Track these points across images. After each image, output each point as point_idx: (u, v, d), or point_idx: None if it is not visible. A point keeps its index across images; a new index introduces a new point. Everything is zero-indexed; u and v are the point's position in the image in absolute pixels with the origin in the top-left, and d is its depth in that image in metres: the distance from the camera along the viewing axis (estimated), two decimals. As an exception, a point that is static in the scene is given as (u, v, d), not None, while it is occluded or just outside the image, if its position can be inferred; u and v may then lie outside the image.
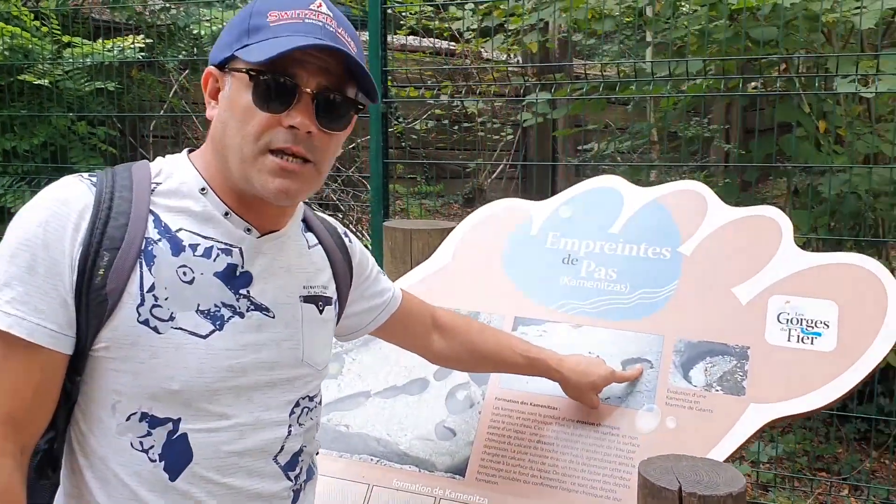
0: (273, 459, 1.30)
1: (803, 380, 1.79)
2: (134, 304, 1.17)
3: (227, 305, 1.24)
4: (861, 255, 1.93)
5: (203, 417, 1.22)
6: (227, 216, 1.26)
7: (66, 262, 1.15)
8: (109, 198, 1.19)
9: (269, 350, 1.28)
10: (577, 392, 1.84)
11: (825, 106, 3.65)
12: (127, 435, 1.20)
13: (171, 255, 1.21)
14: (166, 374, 1.19)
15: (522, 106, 4.85)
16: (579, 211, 2.16)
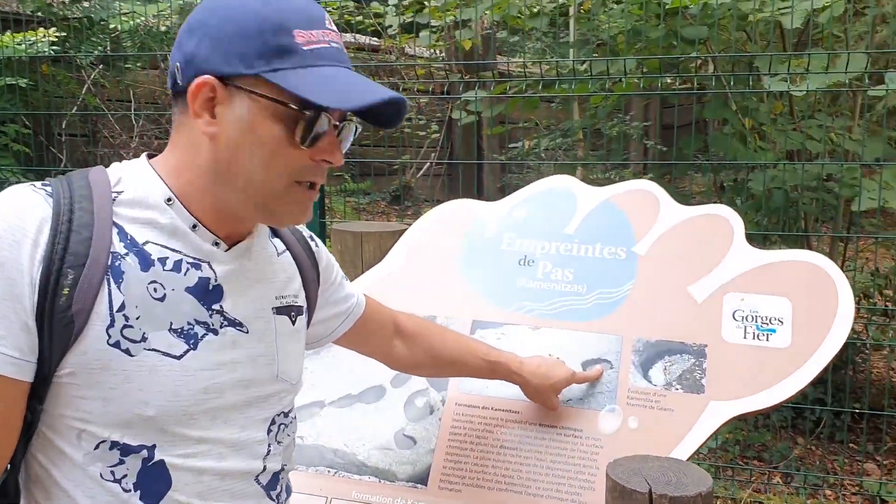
0: (255, 480, 1.24)
1: (761, 376, 1.81)
2: (103, 325, 1.08)
3: (201, 322, 1.16)
4: (811, 252, 1.97)
5: (180, 443, 1.14)
6: (194, 228, 1.16)
7: (25, 281, 1.04)
8: (69, 209, 1.08)
9: (245, 368, 1.21)
10: (538, 395, 1.82)
11: (750, 104, 3.74)
12: (96, 465, 1.10)
13: (141, 270, 1.11)
14: (140, 399, 1.10)
15: (449, 103, 4.83)
16: (534, 212, 2.14)
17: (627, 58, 3.38)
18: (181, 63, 1.12)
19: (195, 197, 1.16)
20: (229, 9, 1.09)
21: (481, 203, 2.20)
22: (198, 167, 1.14)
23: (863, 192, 3.27)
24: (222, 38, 1.09)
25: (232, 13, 1.09)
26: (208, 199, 1.16)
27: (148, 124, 5.81)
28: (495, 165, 6.20)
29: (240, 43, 1.08)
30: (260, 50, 1.08)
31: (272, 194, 1.14)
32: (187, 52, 1.11)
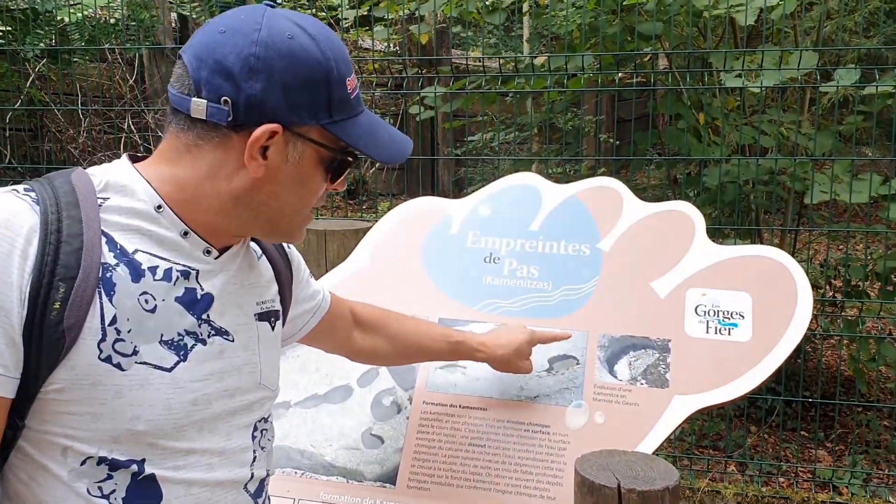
0: (244, 489, 1.22)
1: (723, 370, 1.85)
2: (94, 339, 1.04)
3: (190, 333, 1.14)
4: (770, 247, 2.01)
5: (169, 456, 1.12)
6: (185, 236, 1.14)
7: (14, 295, 0.99)
8: (57, 217, 1.04)
9: (231, 377, 1.19)
10: (506, 364, 1.83)
11: (704, 99, 3.79)
12: (82, 481, 1.07)
13: (132, 281, 1.08)
14: (131, 414, 1.07)
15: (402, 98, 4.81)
16: (498, 209, 2.14)
17: (586, 53, 3.40)
18: (240, 102, 1.08)
19: (191, 206, 1.14)
20: (294, 56, 1.09)
21: (445, 200, 2.20)
22: (217, 191, 1.13)
23: (814, 185, 3.34)
24: (290, 88, 1.09)
25: (297, 62, 1.09)
26: (211, 213, 1.14)
27: (96, 119, 5.68)
28: (450, 159, 6.21)
29: (307, 94, 1.10)
30: (324, 102, 1.12)
31: (293, 221, 1.19)
32: (251, 95, 1.08)
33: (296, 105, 1.10)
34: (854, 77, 3.08)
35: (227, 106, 1.08)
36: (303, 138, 1.12)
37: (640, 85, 3.93)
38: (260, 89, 1.08)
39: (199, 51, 1.10)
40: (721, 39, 4.09)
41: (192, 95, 1.09)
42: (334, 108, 1.13)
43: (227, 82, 1.08)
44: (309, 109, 1.11)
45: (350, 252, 2.13)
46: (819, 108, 3.93)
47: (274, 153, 1.11)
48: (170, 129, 1.14)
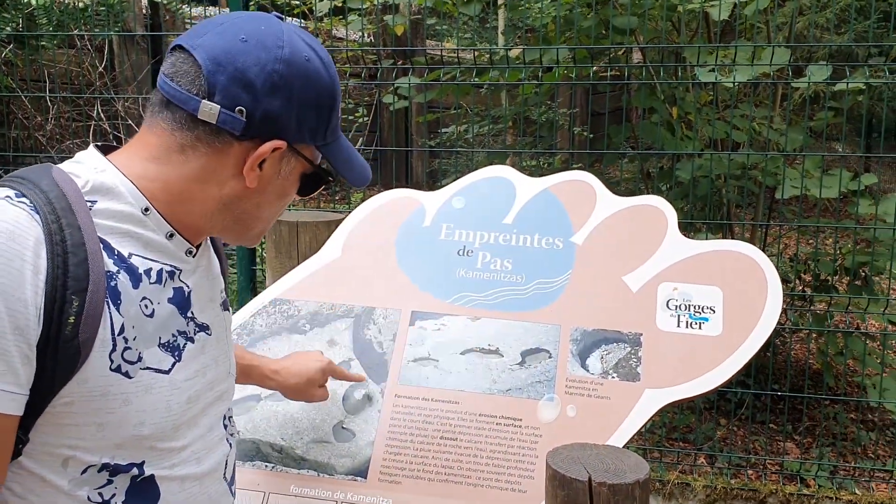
0: (223, 478, 1.25)
1: (694, 364, 1.86)
2: (106, 350, 1.03)
3: (181, 333, 1.15)
4: (741, 242, 2.02)
5: (166, 455, 1.13)
6: (171, 238, 1.13)
7: (30, 312, 0.96)
8: (58, 227, 1.00)
9: (211, 370, 1.21)
10: (299, 393, 1.78)
11: (677, 93, 3.81)
12: (83, 489, 1.06)
13: (132, 287, 1.07)
14: (137, 420, 1.07)
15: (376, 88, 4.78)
16: (472, 201, 2.14)
17: (561, 46, 3.40)
18: (256, 115, 1.09)
19: (177, 208, 1.13)
20: (309, 79, 1.12)
21: (418, 192, 2.19)
22: (207, 195, 1.13)
23: (786, 180, 3.37)
24: (303, 109, 1.13)
25: (312, 85, 1.13)
26: (196, 216, 1.14)
27: (64, 106, 5.60)
28: (424, 151, 6.19)
29: (314, 117, 1.15)
30: (325, 125, 1.17)
31: (263, 229, 1.23)
32: (269, 111, 1.10)
33: (303, 125, 1.14)
34: (826, 73, 3.11)
35: (242, 116, 1.08)
36: (298, 155, 1.16)
37: (615, 79, 3.94)
38: (278, 106, 1.10)
39: (216, 54, 1.08)
40: (695, 34, 4.11)
41: (202, 97, 1.08)
42: (329, 131, 1.18)
43: (245, 93, 1.08)
44: (312, 131, 1.15)
45: (322, 244, 2.11)
46: (791, 104, 3.96)
47: (269, 166, 1.13)
48: (159, 123, 1.11)
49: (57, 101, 5.39)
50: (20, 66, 5.15)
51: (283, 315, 2.03)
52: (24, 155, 4.55)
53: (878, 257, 3.55)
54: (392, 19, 3.98)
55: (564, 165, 4.83)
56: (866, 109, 3.80)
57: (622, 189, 4.10)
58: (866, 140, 4.18)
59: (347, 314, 2.01)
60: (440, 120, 5.25)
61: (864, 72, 3.35)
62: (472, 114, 4.79)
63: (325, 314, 2.02)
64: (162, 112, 1.11)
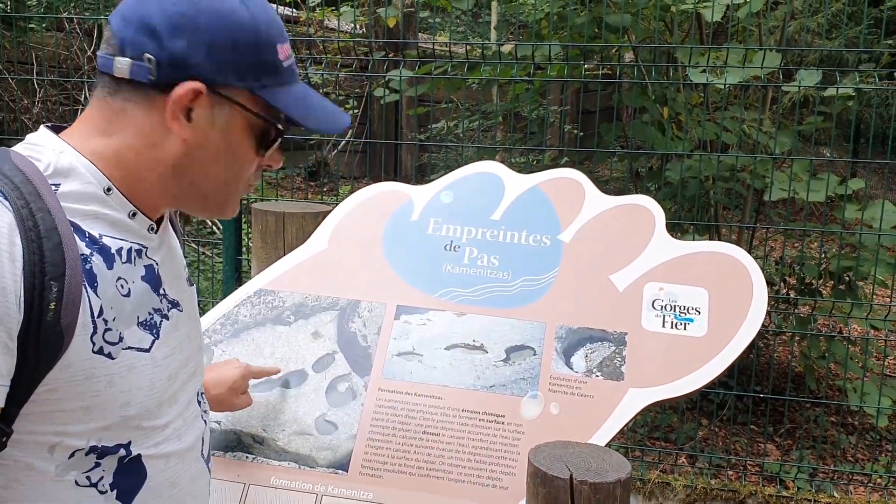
0: (201, 454, 1.25)
1: (678, 364, 1.86)
2: (87, 334, 1.02)
3: (157, 310, 1.15)
4: (727, 244, 2.02)
5: (151, 434, 1.13)
6: (133, 217, 1.13)
7: (10, 301, 0.94)
8: (29, 212, 0.98)
9: (185, 346, 1.22)
10: (222, 404, 1.75)
11: (668, 94, 3.81)
12: (70, 474, 1.05)
13: (107, 268, 1.06)
14: (122, 400, 1.07)
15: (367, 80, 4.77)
16: (460, 196, 2.13)
17: (553, 43, 3.39)
18: (163, 60, 1.06)
19: (136, 185, 1.11)
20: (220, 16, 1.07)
21: (407, 186, 2.18)
22: (153, 160, 1.10)
23: (774, 183, 3.38)
24: (215, 47, 1.07)
25: (224, 21, 1.07)
26: (154, 189, 1.12)
27: (51, 89, 5.55)
28: (413, 145, 6.17)
29: (234, 55, 1.08)
30: (252, 64, 1.10)
31: (226, 194, 1.17)
32: (174, 53, 1.06)
33: (221, 64, 1.08)
34: (816, 78, 3.12)
35: (149, 63, 1.06)
36: (229, 101, 1.10)
37: (606, 77, 3.94)
38: (183, 46, 1.06)
39: (125, 11, 1.08)
40: (687, 35, 4.11)
41: (115, 55, 1.07)
42: (263, 71, 1.11)
43: (150, 39, 1.06)
44: (234, 70, 1.09)
45: (309, 235, 2.10)
46: (780, 108, 3.97)
47: (200, 116, 1.09)
48: (97, 94, 1.11)
49: (44, 84, 5.35)
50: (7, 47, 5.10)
51: (267, 306, 2.02)
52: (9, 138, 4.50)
53: (862, 262, 3.57)
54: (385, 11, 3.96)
55: (554, 163, 4.83)
56: (855, 115, 3.82)
57: (611, 188, 4.10)
58: (854, 145, 4.19)
59: (332, 306, 2.00)
60: (430, 114, 5.24)
61: (853, 77, 3.36)
62: (463, 109, 4.78)
63: (310, 306, 2.01)
64: (98, 85, 1.11)
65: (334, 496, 1.78)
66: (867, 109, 5.64)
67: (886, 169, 3.37)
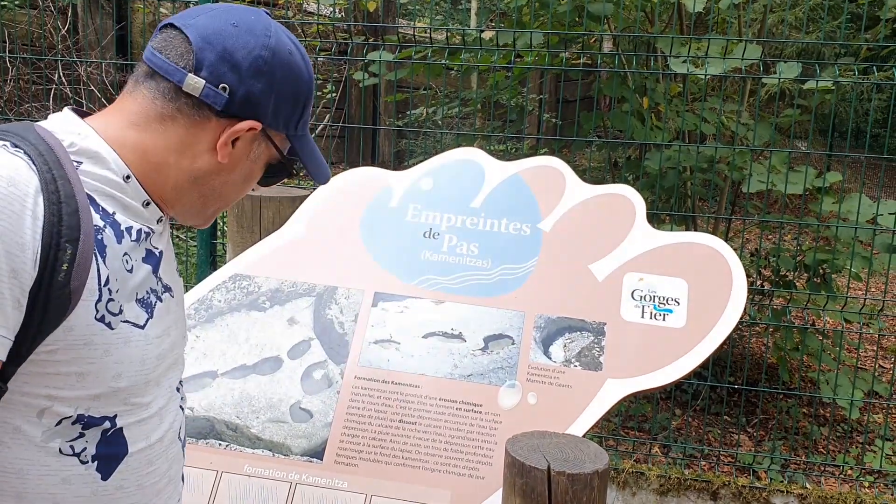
0: (178, 438, 1.28)
1: (656, 355, 1.85)
2: (93, 300, 1.06)
3: (153, 291, 1.19)
4: (708, 235, 2.01)
5: (136, 410, 1.16)
6: (146, 206, 1.18)
7: (27, 256, 0.99)
8: (52, 177, 1.04)
9: (174, 331, 1.25)
10: None
11: (648, 83, 3.81)
12: (55, 441, 1.08)
13: (116, 242, 1.11)
14: (115, 371, 1.10)
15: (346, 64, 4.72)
16: (440, 183, 2.10)
17: (534, 31, 3.37)
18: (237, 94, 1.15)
19: (154, 180, 1.17)
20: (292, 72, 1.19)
21: (386, 172, 2.15)
22: (180, 168, 1.18)
23: (752, 175, 3.38)
24: (282, 98, 1.19)
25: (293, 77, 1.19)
26: (167, 188, 1.19)
27: (24, 68, 5.44)
28: (391, 130, 6.13)
29: (291, 107, 1.21)
30: (298, 117, 1.23)
31: (220, 209, 1.27)
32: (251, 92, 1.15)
33: (279, 112, 1.19)
34: (796, 71, 3.12)
35: (224, 93, 1.14)
36: (269, 141, 1.21)
37: (586, 66, 3.92)
38: (260, 89, 1.15)
39: (207, 34, 1.14)
40: (668, 25, 4.10)
41: (189, 70, 1.13)
42: (301, 123, 1.24)
43: (231, 73, 1.14)
44: (286, 120, 1.21)
45: (285, 220, 2.07)
46: (759, 100, 3.98)
47: (241, 146, 1.18)
48: (142, 91, 1.15)
49: (17, 62, 5.24)
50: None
51: (242, 291, 1.99)
52: (-21, 116, 4.41)
53: (837, 256, 3.59)
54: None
55: (532, 151, 4.81)
56: (833, 109, 3.83)
57: (588, 177, 4.09)
58: (831, 139, 4.21)
59: (309, 293, 1.97)
60: (409, 100, 5.20)
61: (832, 71, 3.37)
62: (442, 95, 4.74)
63: (287, 292, 1.98)
64: (146, 81, 1.15)
65: (309, 484, 1.76)
66: (844, 104, 5.68)
67: (863, 163, 3.39)
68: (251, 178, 1.25)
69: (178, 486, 1.30)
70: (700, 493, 3.32)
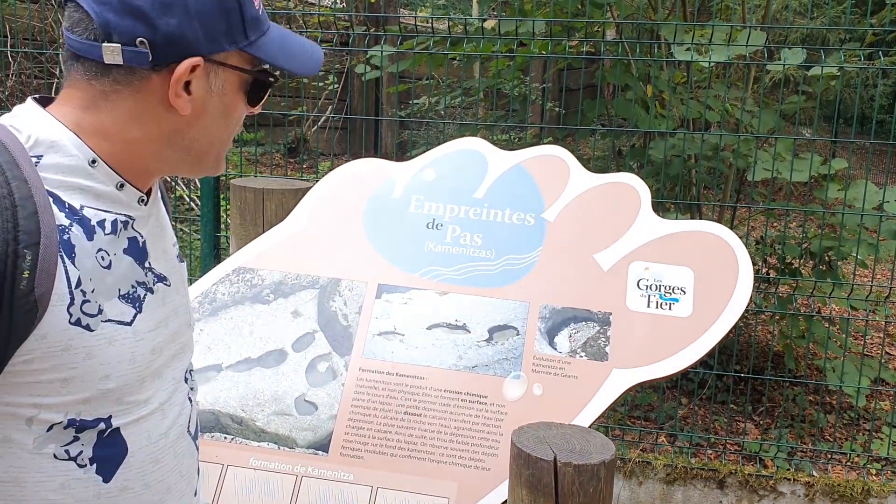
0: (187, 431, 1.23)
1: (663, 345, 1.84)
2: (64, 304, 0.99)
3: (140, 283, 1.12)
4: (714, 224, 2.00)
5: (133, 409, 1.10)
6: (121, 188, 1.09)
7: None
8: (4, 180, 0.96)
9: (173, 321, 1.19)
10: None
11: (652, 71, 3.78)
12: (48, 447, 1.03)
13: (87, 239, 1.03)
14: (102, 373, 1.04)
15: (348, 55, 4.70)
16: (443, 174, 2.09)
17: (536, 19, 3.35)
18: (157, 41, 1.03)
19: (125, 157, 1.09)
20: None
21: (389, 163, 2.14)
22: (147, 136, 1.08)
23: (757, 162, 3.37)
24: (206, 16, 1.06)
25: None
26: (146, 159, 1.10)
27: (26, 62, 5.43)
28: (394, 121, 6.11)
29: (223, 20, 1.07)
30: (239, 24, 1.09)
31: (219, 152, 1.17)
32: (168, 32, 1.03)
33: (213, 33, 1.07)
34: (800, 57, 3.10)
35: (144, 47, 1.03)
36: (223, 66, 1.10)
37: (589, 54, 3.90)
38: (176, 24, 1.04)
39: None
40: (671, 12, 4.07)
41: (100, 41, 1.03)
42: (248, 28, 1.11)
43: (139, 22, 1.03)
44: (226, 35, 1.08)
45: (289, 212, 2.06)
46: (763, 87, 3.96)
47: (197, 86, 1.08)
48: (75, 76, 1.07)
49: (18, 56, 5.23)
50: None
51: (246, 284, 1.98)
52: (-19, 111, 4.40)
53: (843, 243, 3.57)
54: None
55: (535, 140, 4.80)
56: (838, 95, 3.81)
57: (593, 166, 4.08)
58: (835, 126, 4.19)
59: (312, 285, 1.97)
60: (412, 90, 5.19)
61: (837, 57, 3.35)
62: (444, 85, 4.72)
63: (290, 284, 1.97)
64: (75, 65, 1.07)
65: (314, 477, 1.76)
66: (849, 90, 5.65)
67: (868, 149, 3.37)
68: (232, 110, 1.14)
69: (192, 481, 1.25)
70: (707, 481, 3.32)
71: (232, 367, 1.88)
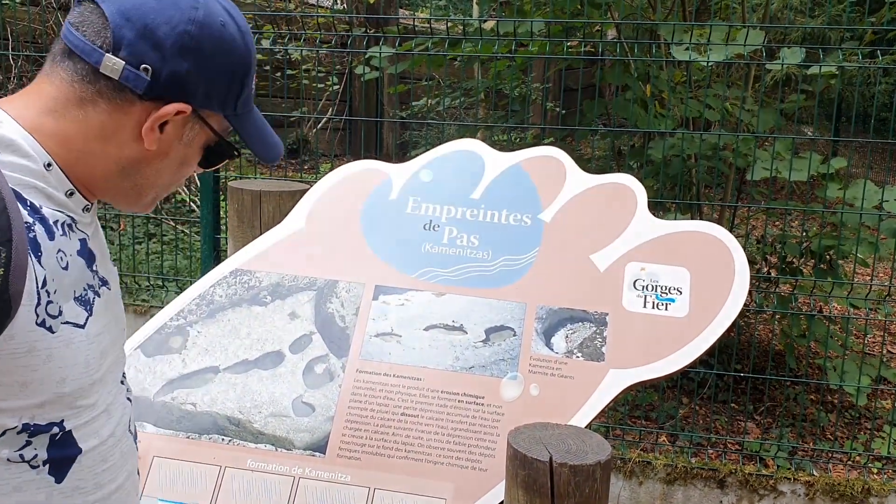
0: (129, 431, 1.24)
1: (659, 345, 1.84)
2: (32, 304, 0.98)
3: (90, 286, 1.11)
4: (710, 224, 2.00)
5: (83, 412, 1.10)
6: (70, 195, 1.09)
7: None
8: None
9: (113, 326, 1.19)
10: None
11: (652, 71, 3.78)
12: (1, 452, 1.02)
13: (49, 239, 1.02)
14: (59, 376, 1.03)
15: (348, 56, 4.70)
16: (440, 175, 2.09)
17: (536, 20, 3.35)
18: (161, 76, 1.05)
19: (78, 168, 1.08)
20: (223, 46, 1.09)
21: (385, 164, 2.14)
22: (106, 155, 1.08)
23: (757, 162, 3.36)
24: (213, 75, 1.09)
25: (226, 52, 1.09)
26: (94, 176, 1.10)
27: (27, 65, 5.44)
28: (394, 122, 6.12)
29: (225, 85, 1.11)
30: (236, 95, 1.13)
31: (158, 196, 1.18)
32: (174, 72, 1.05)
33: (212, 92, 1.10)
34: (800, 56, 3.09)
35: (146, 74, 1.04)
36: (203, 122, 1.12)
37: (588, 54, 3.90)
38: (186, 69, 1.06)
39: (126, 8, 1.04)
40: (670, 12, 4.07)
41: (107, 50, 1.03)
42: (241, 101, 1.15)
43: (153, 51, 1.04)
44: (221, 99, 1.11)
45: (286, 214, 2.06)
46: (763, 86, 3.95)
47: (171, 130, 1.10)
48: (59, 73, 1.06)
49: (19, 59, 5.25)
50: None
51: (243, 286, 1.99)
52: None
53: (844, 241, 3.57)
54: (365, -14, 3.90)
55: (536, 140, 4.80)
56: (838, 94, 3.81)
57: (593, 167, 4.08)
58: (835, 124, 4.18)
59: (310, 287, 1.97)
60: (412, 91, 5.19)
61: (837, 56, 3.34)
62: (445, 86, 4.73)
63: (287, 286, 1.97)
64: (63, 61, 1.06)
65: (312, 478, 1.76)
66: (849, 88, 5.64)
67: (869, 148, 3.37)
68: (188, 163, 1.16)
69: (135, 479, 1.25)
70: (707, 481, 3.32)
71: (229, 368, 1.88)
